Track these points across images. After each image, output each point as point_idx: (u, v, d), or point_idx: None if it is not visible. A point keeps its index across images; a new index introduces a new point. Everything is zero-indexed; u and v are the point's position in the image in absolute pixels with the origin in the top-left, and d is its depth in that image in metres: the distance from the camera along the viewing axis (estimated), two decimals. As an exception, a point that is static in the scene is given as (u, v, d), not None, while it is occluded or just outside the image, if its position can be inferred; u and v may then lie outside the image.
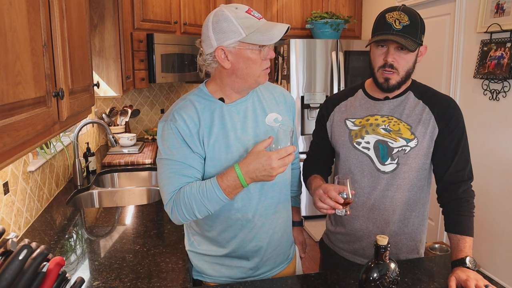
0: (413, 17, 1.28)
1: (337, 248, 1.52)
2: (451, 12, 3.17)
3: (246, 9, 1.16)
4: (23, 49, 0.84)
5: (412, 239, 1.43)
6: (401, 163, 1.35)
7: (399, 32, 1.25)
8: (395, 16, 1.27)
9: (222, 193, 1.14)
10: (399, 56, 1.29)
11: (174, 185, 1.20)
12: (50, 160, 2.07)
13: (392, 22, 1.27)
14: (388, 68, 1.30)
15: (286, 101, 1.40)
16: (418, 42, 1.28)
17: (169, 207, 1.21)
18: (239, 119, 1.26)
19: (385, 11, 1.31)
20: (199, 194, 1.15)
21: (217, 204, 1.16)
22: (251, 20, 1.15)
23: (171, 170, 1.20)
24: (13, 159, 0.82)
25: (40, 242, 1.56)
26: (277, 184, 1.32)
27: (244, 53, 1.16)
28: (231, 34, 1.14)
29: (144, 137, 3.73)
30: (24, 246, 0.73)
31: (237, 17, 1.14)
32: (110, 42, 2.52)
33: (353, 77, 4.05)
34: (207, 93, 1.27)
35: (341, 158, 1.45)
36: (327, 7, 4.28)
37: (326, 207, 1.21)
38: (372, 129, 1.37)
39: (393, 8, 1.30)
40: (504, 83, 2.70)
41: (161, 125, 1.25)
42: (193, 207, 1.16)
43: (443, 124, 1.33)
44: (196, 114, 1.22)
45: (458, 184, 1.34)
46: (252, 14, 1.16)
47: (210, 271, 1.36)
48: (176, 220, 1.22)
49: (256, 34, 1.14)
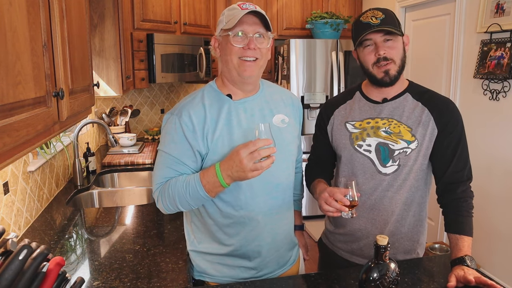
0: (387, 12, 1.33)
1: (335, 248, 1.53)
2: (451, 12, 3.17)
3: (241, 2, 1.23)
4: (23, 49, 0.84)
5: (409, 239, 1.43)
6: (402, 165, 1.36)
7: (379, 26, 1.30)
8: (369, 15, 1.33)
9: (203, 189, 1.17)
10: (389, 47, 1.32)
11: (163, 176, 1.25)
12: (50, 160, 2.07)
13: (369, 21, 1.31)
14: (383, 61, 1.32)
15: (293, 104, 1.42)
16: (399, 30, 1.31)
17: (155, 195, 1.27)
18: (246, 117, 1.27)
19: (358, 17, 1.36)
20: (183, 188, 1.19)
21: (198, 199, 1.20)
22: (234, 10, 1.21)
23: (164, 163, 1.25)
24: (13, 159, 0.82)
25: (40, 242, 1.56)
26: (281, 185, 1.32)
27: (224, 40, 1.24)
28: (220, 24, 1.25)
29: (144, 137, 3.73)
30: (24, 246, 0.73)
31: (228, 9, 1.24)
32: (110, 42, 2.52)
33: (353, 77, 4.05)
34: (216, 89, 1.31)
35: (342, 161, 1.45)
36: (327, 7, 4.28)
37: (333, 210, 1.21)
38: (373, 132, 1.38)
39: (365, 11, 1.36)
40: (504, 83, 2.70)
41: (167, 117, 1.29)
42: (176, 199, 1.21)
43: (442, 125, 1.34)
44: (203, 110, 1.25)
45: (457, 185, 1.35)
46: (239, 5, 1.21)
47: (211, 270, 1.36)
48: (161, 208, 1.27)
49: (230, 20, 1.20)
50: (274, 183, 1.30)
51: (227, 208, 1.27)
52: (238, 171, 1.10)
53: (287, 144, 1.33)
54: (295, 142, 1.40)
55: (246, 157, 1.08)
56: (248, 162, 1.08)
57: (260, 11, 1.21)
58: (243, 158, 1.08)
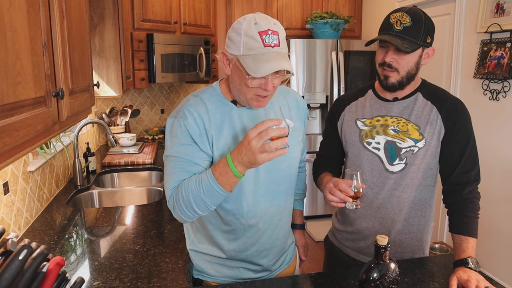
0: (417, 18, 1.28)
1: (342, 246, 1.54)
2: (451, 12, 3.17)
3: (263, 29, 1.07)
4: (23, 49, 0.84)
5: (418, 239, 1.44)
6: (409, 163, 1.36)
7: (399, 33, 1.27)
8: (397, 17, 1.29)
9: (216, 183, 1.08)
10: (399, 57, 1.30)
11: (176, 180, 1.16)
12: (50, 160, 2.07)
13: (393, 23, 1.28)
14: (386, 67, 1.32)
15: (298, 106, 1.38)
16: (419, 44, 1.27)
17: (170, 203, 1.18)
18: (250, 124, 1.23)
19: (392, 11, 1.32)
20: (196, 186, 1.11)
21: (214, 197, 1.10)
22: (256, 43, 1.07)
23: (176, 166, 1.18)
24: (13, 159, 0.82)
25: (40, 242, 1.56)
26: (283, 192, 1.31)
27: (238, 69, 1.12)
28: (234, 46, 1.10)
29: (144, 137, 3.73)
30: (24, 246, 0.73)
31: (246, 33, 1.07)
32: (110, 42, 2.52)
33: (353, 77, 4.05)
34: (220, 93, 1.25)
35: (350, 158, 1.46)
36: (327, 7, 4.28)
37: (337, 200, 1.20)
38: (383, 130, 1.39)
39: (400, 8, 1.32)
40: (504, 83, 2.70)
41: (170, 121, 1.23)
42: (191, 200, 1.12)
43: (450, 125, 1.34)
44: (206, 114, 1.20)
45: (463, 185, 1.34)
46: (263, 37, 1.07)
47: (210, 270, 1.36)
48: (178, 217, 1.18)
49: (248, 59, 1.07)
50: (277, 191, 1.29)
51: (229, 216, 1.26)
52: (247, 154, 1.03)
53: (291, 150, 1.28)
54: (299, 147, 1.38)
55: (254, 137, 1.01)
56: (256, 143, 1.01)
57: (284, 51, 1.10)
58: (252, 139, 1.01)
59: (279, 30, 1.10)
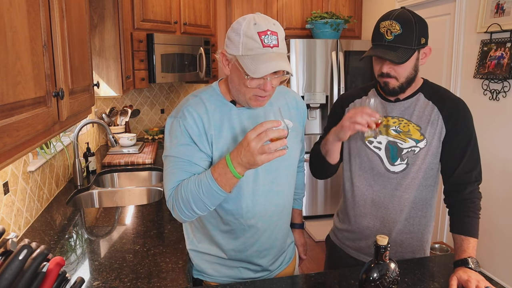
0: (407, 24, 1.24)
1: (343, 246, 1.54)
2: (451, 12, 3.17)
3: (262, 30, 1.07)
4: (23, 49, 0.84)
5: (419, 239, 1.44)
6: (411, 164, 1.36)
7: (391, 43, 1.25)
8: (386, 26, 1.26)
9: (215, 183, 1.08)
10: (395, 66, 1.28)
11: (175, 180, 1.17)
12: (50, 160, 2.07)
13: (384, 33, 1.26)
14: (385, 77, 1.31)
15: (298, 106, 1.38)
16: (414, 48, 1.26)
17: (170, 203, 1.18)
18: (250, 124, 1.23)
19: (380, 19, 1.29)
20: (195, 186, 1.11)
21: (213, 197, 1.11)
22: (255, 43, 1.07)
23: (175, 167, 1.18)
24: (13, 159, 0.82)
25: (40, 242, 1.56)
26: (283, 192, 1.31)
27: (237, 69, 1.12)
28: (233, 46, 1.10)
29: (144, 137, 3.73)
30: (24, 246, 0.73)
31: (245, 33, 1.07)
32: (110, 42, 2.52)
33: (353, 77, 4.05)
34: (219, 93, 1.25)
35: (351, 155, 1.46)
36: (327, 7, 4.28)
37: (364, 123, 1.20)
38: (385, 130, 1.39)
39: (387, 15, 1.28)
40: (504, 83, 2.70)
41: (170, 121, 1.22)
42: (190, 201, 1.12)
43: (451, 125, 1.34)
44: (206, 114, 1.20)
45: (465, 185, 1.34)
46: (262, 38, 1.07)
47: (210, 270, 1.36)
48: (178, 217, 1.18)
49: (247, 60, 1.07)
50: (276, 191, 1.29)
51: (228, 216, 1.26)
52: (247, 155, 1.03)
53: (290, 151, 1.27)
54: (298, 147, 1.38)
55: (254, 139, 1.01)
56: (256, 144, 1.01)
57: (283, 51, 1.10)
58: (251, 141, 1.01)
59: (278, 31, 1.10)
